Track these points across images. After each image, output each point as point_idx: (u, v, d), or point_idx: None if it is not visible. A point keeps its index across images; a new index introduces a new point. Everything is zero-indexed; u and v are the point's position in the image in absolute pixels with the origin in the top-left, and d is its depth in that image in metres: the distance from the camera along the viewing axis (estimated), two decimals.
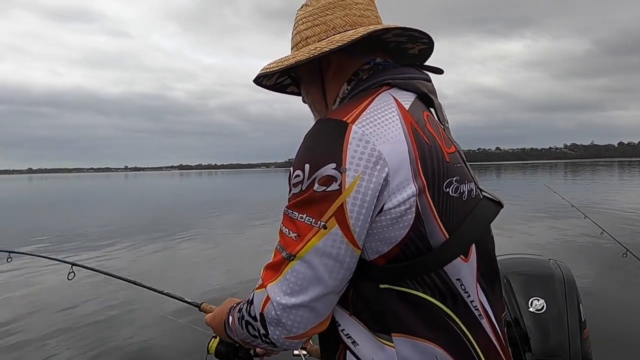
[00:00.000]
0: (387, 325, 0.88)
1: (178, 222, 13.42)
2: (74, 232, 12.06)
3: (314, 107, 1.12)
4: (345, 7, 1.03)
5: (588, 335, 1.82)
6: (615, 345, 3.69)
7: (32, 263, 7.14)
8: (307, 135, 0.91)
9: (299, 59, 0.97)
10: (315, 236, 0.83)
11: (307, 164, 0.86)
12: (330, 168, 0.83)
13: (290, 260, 0.84)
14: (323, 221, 0.83)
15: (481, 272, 0.96)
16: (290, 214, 0.87)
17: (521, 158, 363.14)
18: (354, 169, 0.83)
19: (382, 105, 0.92)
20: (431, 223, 0.87)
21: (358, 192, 0.83)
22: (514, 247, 7.28)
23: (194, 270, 7.28)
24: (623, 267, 3.61)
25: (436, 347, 0.87)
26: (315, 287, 0.84)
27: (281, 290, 0.85)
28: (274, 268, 0.87)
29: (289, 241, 0.86)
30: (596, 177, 35.02)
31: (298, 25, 1.07)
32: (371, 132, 0.86)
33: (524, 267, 2.00)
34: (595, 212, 9.57)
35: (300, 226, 0.85)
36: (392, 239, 0.86)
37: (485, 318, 0.94)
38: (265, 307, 0.86)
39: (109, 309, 5.24)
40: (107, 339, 4.41)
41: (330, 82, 1.06)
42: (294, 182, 0.88)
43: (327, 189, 0.83)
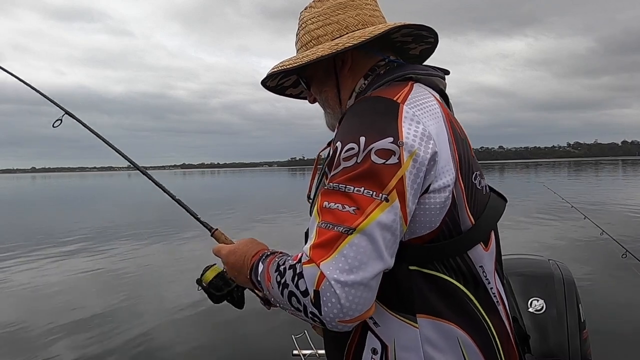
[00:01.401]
0: (413, 306, 0.89)
1: (182, 221, 13.46)
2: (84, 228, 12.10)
3: (327, 105, 1.13)
4: (357, 7, 1.06)
5: (587, 336, 1.83)
6: (614, 345, 3.69)
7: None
8: (355, 111, 0.92)
9: (320, 54, 0.98)
10: (378, 208, 0.81)
11: (363, 137, 0.84)
12: (387, 142, 0.83)
13: (349, 234, 0.80)
14: (385, 194, 0.82)
15: (497, 262, 1.01)
16: (342, 188, 0.83)
17: (524, 157, 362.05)
18: (410, 144, 0.84)
19: (422, 94, 0.96)
20: (463, 210, 0.91)
21: (414, 167, 0.83)
22: (514, 247, 7.25)
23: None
24: (622, 267, 3.60)
25: (459, 329, 0.90)
26: (376, 263, 0.81)
27: (337, 267, 0.79)
28: (325, 246, 0.81)
29: (345, 215, 0.81)
30: (599, 177, 34.91)
31: (307, 25, 1.08)
32: (420, 114, 0.89)
33: (524, 267, 2.00)
34: (595, 212, 9.54)
35: (360, 199, 0.81)
36: (430, 223, 0.88)
37: (501, 305, 0.98)
38: (321, 284, 0.80)
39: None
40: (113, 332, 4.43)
41: (345, 78, 1.08)
42: (346, 156, 0.85)
43: (387, 162, 0.83)
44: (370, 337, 0.91)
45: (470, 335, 0.90)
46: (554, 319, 1.80)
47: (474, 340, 0.91)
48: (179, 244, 9.78)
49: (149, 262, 8.08)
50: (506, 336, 0.97)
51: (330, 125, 1.15)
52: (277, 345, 3.64)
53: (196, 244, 9.44)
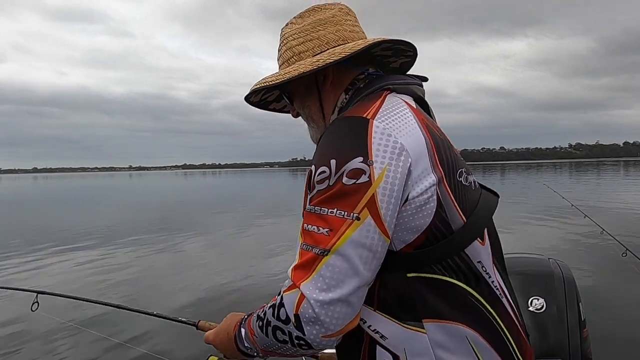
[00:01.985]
0: (418, 312, 0.90)
1: (186, 221, 13.47)
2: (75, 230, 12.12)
3: (310, 119, 1.14)
4: (337, 23, 1.09)
5: (587, 335, 1.82)
6: (614, 344, 3.69)
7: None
8: (327, 134, 0.95)
9: (302, 70, 1.00)
10: (349, 228, 0.84)
11: (333, 159, 0.87)
12: (357, 161, 0.86)
13: (324, 255, 0.84)
14: (356, 213, 0.85)
15: (495, 256, 1.02)
16: (317, 211, 0.88)
17: (525, 158, 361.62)
18: (380, 161, 0.86)
19: (394, 104, 0.98)
20: (451, 209, 0.93)
21: (386, 182, 0.86)
22: (514, 246, 7.27)
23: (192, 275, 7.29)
24: (623, 266, 3.60)
25: (466, 328, 0.91)
26: (352, 280, 0.84)
27: (316, 287, 0.84)
28: (305, 267, 0.86)
29: (320, 237, 0.86)
30: (600, 177, 34.86)
31: (288, 41, 1.10)
32: (391, 127, 0.91)
33: (524, 266, 2.00)
34: (595, 212, 9.53)
35: (332, 220, 0.85)
36: (417, 227, 0.90)
37: (504, 297, 1.00)
38: (300, 307, 0.85)
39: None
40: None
41: (327, 93, 1.10)
42: (319, 179, 0.89)
43: (357, 182, 0.85)
44: (380, 351, 0.92)
45: (478, 332, 0.92)
46: (554, 318, 1.80)
47: (483, 336, 0.92)
48: (179, 243, 9.79)
49: (148, 263, 8.09)
50: (515, 327, 0.99)
51: (315, 139, 1.16)
52: None
53: (197, 244, 9.46)
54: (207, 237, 10.71)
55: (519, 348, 0.98)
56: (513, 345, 0.96)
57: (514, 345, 0.96)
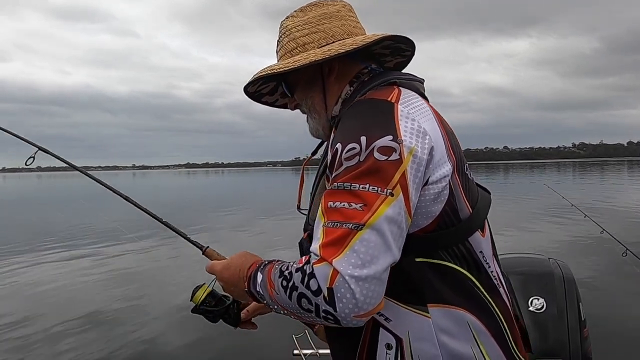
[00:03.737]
0: (424, 296, 0.92)
1: (195, 219, 13.49)
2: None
3: (313, 110, 1.15)
4: (342, 18, 1.11)
5: (588, 334, 1.83)
6: (614, 344, 3.68)
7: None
8: (352, 113, 0.96)
9: (313, 59, 1.01)
10: (384, 203, 0.84)
11: (363, 136, 0.88)
12: (387, 139, 0.87)
13: (359, 230, 0.82)
14: (389, 189, 0.85)
15: (493, 248, 1.07)
16: (347, 187, 0.86)
17: (529, 157, 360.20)
18: (408, 141, 0.88)
19: (411, 95, 1.01)
20: (460, 200, 0.96)
21: (414, 162, 0.87)
22: (514, 246, 7.27)
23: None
24: (623, 266, 3.59)
25: (467, 313, 0.94)
26: (386, 256, 0.84)
27: (350, 263, 0.81)
28: (335, 243, 0.83)
29: (352, 213, 0.84)
30: (604, 177, 34.71)
31: (291, 32, 1.11)
32: (414, 112, 0.94)
33: (524, 266, 2.00)
34: (596, 212, 9.49)
35: (366, 195, 0.84)
36: (431, 213, 0.92)
37: (501, 287, 1.04)
38: (335, 281, 0.81)
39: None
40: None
41: (331, 85, 1.11)
42: (348, 155, 0.88)
43: (389, 158, 0.86)
44: (383, 333, 0.94)
45: (478, 318, 0.95)
46: (555, 318, 1.81)
47: (483, 322, 0.95)
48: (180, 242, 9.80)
49: (147, 262, 8.11)
50: (508, 314, 1.02)
51: (314, 130, 1.17)
52: (278, 345, 3.64)
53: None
54: (213, 233, 10.74)
55: (512, 335, 1.01)
56: (507, 332, 1.00)
57: (508, 332, 1.00)
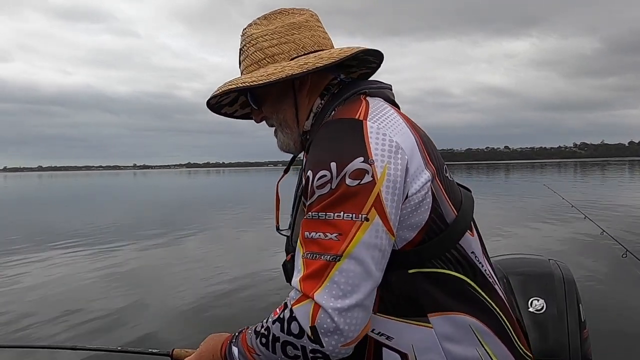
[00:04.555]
0: (423, 307, 0.92)
1: (197, 219, 13.49)
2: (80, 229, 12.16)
3: (285, 125, 1.10)
4: (311, 29, 1.07)
5: (588, 335, 1.82)
6: (615, 345, 3.67)
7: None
8: (320, 137, 0.93)
9: (289, 72, 0.97)
10: (360, 230, 0.83)
11: (333, 162, 0.86)
12: (358, 162, 0.85)
13: (337, 261, 0.82)
14: (364, 214, 0.83)
15: (483, 246, 1.06)
16: (322, 216, 0.85)
17: (530, 157, 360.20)
18: (380, 160, 0.86)
19: (378, 106, 0.99)
20: (444, 204, 0.95)
21: (389, 180, 0.86)
22: (514, 247, 7.28)
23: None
24: (623, 267, 3.60)
25: (468, 317, 0.94)
26: (367, 283, 0.83)
27: (331, 295, 0.81)
28: (315, 276, 0.83)
29: (329, 244, 0.83)
30: (604, 177, 34.69)
31: (258, 42, 1.05)
32: (384, 126, 0.92)
33: (524, 267, 2.00)
34: (596, 213, 9.50)
35: (340, 224, 0.83)
36: (417, 224, 0.91)
37: (496, 284, 1.03)
38: (316, 318, 0.82)
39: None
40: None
41: (303, 98, 1.07)
42: (320, 184, 0.86)
43: (361, 182, 0.84)
44: (387, 352, 0.93)
45: (480, 319, 0.95)
46: (555, 319, 1.80)
47: (484, 322, 0.95)
48: (181, 242, 9.81)
49: (150, 261, 8.11)
50: (507, 311, 1.02)
51: (285, 145, 1.13)
52: None
53: (198, 243, 9.49)
54: (214, 233, 10.75)
55: (515, 331, 1.01)
56: (510, 329, 0.99)
57: (510, 329, 0.99)
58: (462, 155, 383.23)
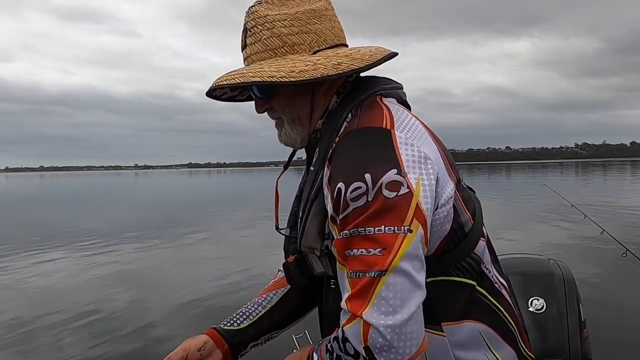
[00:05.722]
0: (437, 316, 0.92)
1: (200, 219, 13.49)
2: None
3: (297, 122, 1.04)
4: (330, 19, 1.01)
5: (588, 335, 1.82)
6: (615, 344, 3.65)
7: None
8: (349, 147, 0.88)
9: (325, 73, 0.90)
10: (404, 243, 0.80)
11: (368, 174, 0.82)
12: (393, 174, 0.82)
13: (382, 276, 0.79)
14: (407, 225, 0.81)
15: (490, 249, 1.05)
16: (361, 232, 0.82)
17: (531, 157, 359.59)
18: (412, 172, 0.84)
19: (400, 112, 0.96)
20: (463, 213, 0.95)
21: (424, 190, 0.84)
22: (514, 246, 7.27)
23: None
24: (623, 266, 3.60)
25: (479, 324, 0.94)
26: (416, 294, 0.81)
27: (381, 312, 0.79)
28: (360, 294, 0.80)
29: (373, 259, 0.80)
30: (606, 177, 34.63)
31: (275, 26, 0.96)
32: (411, 136, 0.89)
33: (524, 266, 2.00)
34: (596, 212, 9.47)
35: (383, 238, 0.80)
36: (440, 234, 0.91)
37: (504, 289, 1.03)
38: (368, 338, 0.79)
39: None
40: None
41: (321, 95, 1.02)
42: (354, 196, 0.83)
43: (399, 194, 0.81)
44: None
45: (489, 325, 0.95)
46: (555, 318, 1.80)
47: (493, 327, 0.96)
48: (185, 242, 9.82)
49: (154, 261, 8.12)
50: (512, 312, 1.02)
51: (292, 140, 1.06)
52: (277, 344, 3.65)
53: (199, 243, 9.50)
54: (214, 233, 10.76)
55: (519, 331, 1.02)
56: (515, 330, 1.00)
57: (515, 330, 1.00)
58: (464, 156, 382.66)
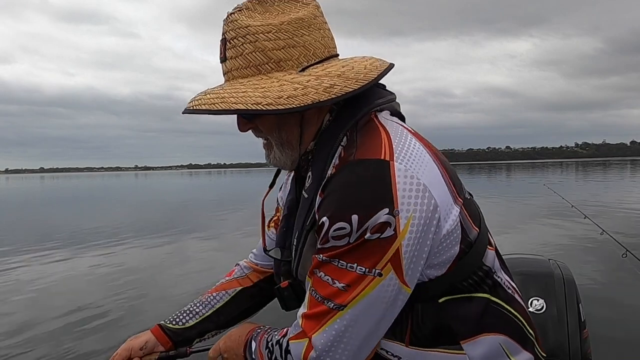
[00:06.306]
0: (455, 335, 0.90)
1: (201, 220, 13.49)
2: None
3: (286, 144, 0.96)
4: (320, 28, 0.91)
5: (588, 335, 1.82)
6: (614, 345, 3.66)
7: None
8: (344, 182, 0.82)
9: (316, 99, 0.82)
10: (369, 285, 0.79)
11: (355, 215, 0.78)
12: (383, 214, 0.78)
13: (340, 310, 0.80)
14: (378, 269, 0.79)
15: (498, 254, 1.02)
16: (334, 262, 0.81)
17: (531, 157, 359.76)
18: (406, 209, 0.79)
19: (399, 135, 0.89)
20: (469, 227, 0.91)
21: (411, 232, 0.80)
22: (514, 247, 7.25)
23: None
24: (623, 267, 3.59)
25: (498, 335, 0.93)
26: (367, 338, 0.82)
27: (328, 340, 0.81)
28: (316, 318, 0.82)
29: (335, 291, 0.80)
30: (606, 177, 34.63)
31: (258, 39, 0.86)
32: (411, 165, 0.83)
33: (524, 267, 1.99)
34: (596, 213, 9.47)
35: (351, 276, 0.79)
36: (449, 258, 0.88)
37: (515, 293, 1.01)
38: (308, 358, 0.82)
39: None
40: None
41: (312, 115, 0.94)
42: (336, 235, 0.80)
43: (381, 236, 0.78)
44: None
45: (507, 335, 0.94)
46: (554, 319, 1.80)
47: (511, 336, 0.94)
48: (187, 242, 9.82)
49: (154, 261, 8.12)
50: (526, 314, 1.01)
51: (281, 162, 1.00)
52: None
53: (199, 244, 9.49)
54: (215, 232, 10.75)
55: (533, 332, 1.00)
56: (529, 331, 0.99)
57: (529, 331, 0.99)
58: (464, 155, 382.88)
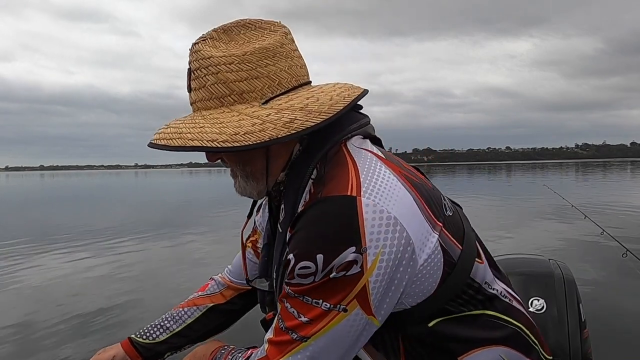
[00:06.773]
0: (452, 353, 0.90)
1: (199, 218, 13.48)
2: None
3: (251, 177, 0.94)
4: (287, 57, 0.88)
5: (588, 335, 1.82)
6: (615, 345, 3.65)
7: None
8: (310, 220, 0.81)
9: (274, 134, 0.79)
10: (333, 320, 0.79)
11: (320, 255, 0.77)
12: (349, 253, 0.77)
13: (303, 341, 0.80)
14: (343, 305, 0.79)
15: (491, 265, 1.01)
16: (300, 297, 0.81)
17: (531, 157, 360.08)
18: (374, 245, 0.78)
19: (368, 165, 0.86)
20: (451, 247, 0.90)
21: (380, 268, 0.79)
22: (514, 247, 7.26)
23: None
24: (623, 267, 3.60)
25: (498, 347, 0.92)
26: None
27: None
28: (280, 345, 0.82)
29: (299, 324, 0.80)
30: (605, 178, 34.66)
31: (220, 71, 0.84)
32: (379, 198, 0.80)
33: (524, 267, 1.99)
34: (596, 213, 9.46)
35: (315, 312, 0.79)
36: (432, 284, 0.87)
37: (514, 300, 1.01)
38: None
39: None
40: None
41: (279, 147, 0.90)
42: (302, 273, 0.79)
43: (347, 274, 0.77)
44: None
45: (507, 345, 0.93)
46: (555, 319, 1.80)
47: (512, 347, 0.93)
48: (181, 242, 9.83)
49: (147, 260, 8.12)
50: (527, 321, 1.01)
51: (248, 192, 0.97)
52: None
53: (199, 244, 9.50)
54: (215, 232, 10.76)
55: (538, 339, 1.00)
56: (534, 340, 0.98)
57: (534, 340, 0.98)
58: (464, 156, 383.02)
